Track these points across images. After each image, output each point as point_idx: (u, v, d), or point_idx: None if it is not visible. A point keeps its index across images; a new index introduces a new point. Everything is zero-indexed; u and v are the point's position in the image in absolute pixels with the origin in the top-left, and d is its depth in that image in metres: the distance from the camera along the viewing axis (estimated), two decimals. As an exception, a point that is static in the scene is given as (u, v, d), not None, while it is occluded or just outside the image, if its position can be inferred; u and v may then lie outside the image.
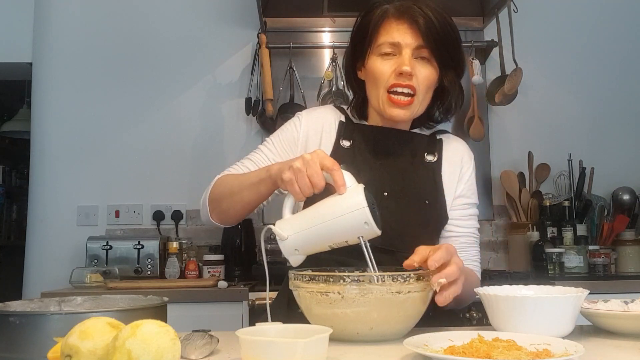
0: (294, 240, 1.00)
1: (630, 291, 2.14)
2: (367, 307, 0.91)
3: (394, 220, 1.20)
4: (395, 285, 0.91)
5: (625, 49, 3.04)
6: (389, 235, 1.18)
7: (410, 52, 1.19)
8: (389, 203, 1.21)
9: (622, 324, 0.98)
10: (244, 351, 0.74)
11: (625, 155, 2.97)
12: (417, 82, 1.19)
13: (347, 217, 0.96)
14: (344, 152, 1.26)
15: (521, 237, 2.75)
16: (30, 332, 0.79)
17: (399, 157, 1.27)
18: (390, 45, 1.20)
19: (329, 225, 0.98)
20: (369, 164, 1.25)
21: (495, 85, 2.82)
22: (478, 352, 0.75)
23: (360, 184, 1.00)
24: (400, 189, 1.22)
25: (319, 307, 0.94)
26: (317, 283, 0.93)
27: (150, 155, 2.89)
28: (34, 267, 2.83)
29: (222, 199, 1.21)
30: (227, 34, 2.97)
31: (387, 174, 1.24)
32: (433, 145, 1.30)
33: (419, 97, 1.20)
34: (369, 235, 0.98)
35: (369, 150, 1.27)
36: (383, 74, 1.20)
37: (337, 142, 1.27)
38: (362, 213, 0.95)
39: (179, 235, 2.83)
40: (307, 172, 0.97)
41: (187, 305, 2.17)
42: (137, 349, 0.65)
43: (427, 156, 1.28)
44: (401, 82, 1.18)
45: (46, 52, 2.95)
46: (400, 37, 1.19)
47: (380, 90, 1.21)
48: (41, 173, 2.89)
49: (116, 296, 1.02)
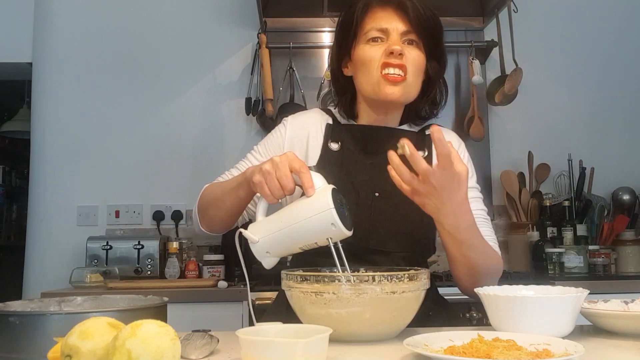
0: (265, 243, 1.01)
1: (630, 291, 2.14)
2: (362, 307, 0.90)
3: (387, 220, 1.20)
4: (390, 285, 0.91)
5: (625, 49, 3.04)
6: (382, 237, 1.18)
7: (398, 36, 1.20)
8: (381, 203, 1.20)
9: (622, 324, 0.98)
10: (244, 351, 0.74)
11: (625, 155, 2.97)
12: (407, 63, 1.20)
13: (314, 219, 0.96)
14: (333, 154, 1.25)
15: (521, 237, 2.75)
16: (30, 332, 0.79)
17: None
18: (378, 30, 1.21)
19: (297, 227, 0.98)
20: (359, 165, 1.24)
21: (495, 85, 2.82)
22: (478, 352, 0.75)
23: (329, 185, 0.99)
24: (392, 188, 1.20)
25: (313, 307, 0.93)
26: (311, 283, 0.93)
27: (150, 155, 2.89)
28: (34, 267, 2.83)
29: (208, 207, 1.23)
30: (227, 34, 2.97)
31: (378, 173, 1.22)
32: (422, 141, 1.29)
33: (409, 77, 1.21)
34: (337, 237, 0.98)
35: (359, 150, 1.26)
36: (373, 57, 1.21)
37: (325, 145, 1.26)
38: (329, 214, 0.95)
39: (179, 235, 2.83)
40: (275, 174, 0.98)
41: (187, 305, 2.17)
42: (137, 349, 0.65)
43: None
44: (392, 61, 1.18)
45: (46, 52, 2.95)
46: (388, 23, 1.21)
47: (373, 72, 1.21)
48: (41, 173, 2.89)
49: (116, 296, 1.02)
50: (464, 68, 2.94)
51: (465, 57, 2.91)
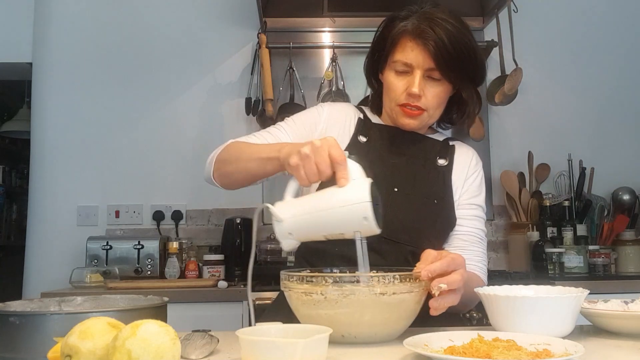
0: (290, 223, 0.97)
1: (630, 291, 2.14)
2: (350, 309, 0.89)
3: (402, 214, 1.23)
4: (379, 287, 0.88)
5: (625, 49, 3.04)
6: (395, 227, 1.20)
7: (421, 73, 1.23)
8: (399, 198, 1.24)
9: (622, 324, 0.98)
10: (244, 351, 0.74)
11: (625, 155, 2.97)
12: (426, 101, 1.25)
13: (347, 209, 0.93)
14: (360, 146, 1.29)
15: (521, 237, 2.75)
16: (30, 332, 0.79)
17: (411, 158, 1.30)
18: (403, 64, 1.24)
19: (328, 214, 0.95)
20: (382, 161, 1.28)
21: (495, 85, 2.82)
22: (478, 352, 0.75)
23: (368, 179, 0.97)
24: (411, 186, 1.26)
25: (304, 307, 0.93)
26: (301, 284, 0.92)
27: (150, 155, 2.89)
28: (34, 267, 2.83)
29: (230, 162, 1.21)
30: (227, 34, 2.97)
31: (398, 172, 1.27)
32: (445, 150, 1.34)
33: (429, 112, 1.26)
34: (366, 232, 0.95)
35: (384, 148, 1.30)
36: (396, 90, 1.26)
37: (354, 136, 1.31)
38: (363, 207, 0.92)
39: (179, 235, 2.83)
40: (314, 158, 0.96)
41: (187, 305, 2.17)
42: (137, 349, 0.65)
43: (439, 160, 1.32)
44: (410, 102, 1.24)
45: (46, 52, 2.95)
46: (413, 59, 1.23)
47: (393, 104, 1.27)
48: (41, 173, 2.89)
49: (116, 296, 1.02)
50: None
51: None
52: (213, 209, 2.87)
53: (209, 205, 2.86)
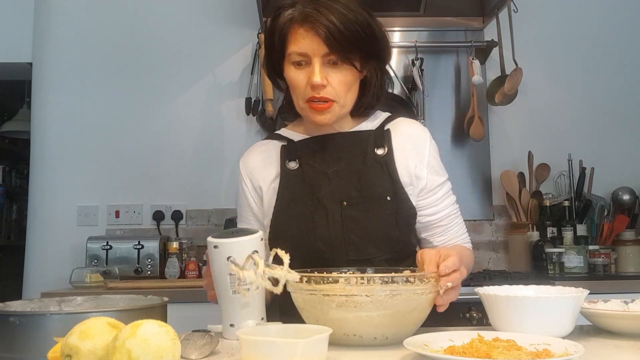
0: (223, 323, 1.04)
1: (630, 291, 2.14)
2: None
3: (360, 227, 1.18)
4: (420, 287, 0.90)
5: (626, 49, 3.04)
6: (359, 245, 1.17)
7: (319, 61, 1.14)
8: (350, 211, 1.18)
9: (622, 324, 0.98)
10: (244, 351, 0.74)
11: (625, 155, 2.97)
12: (332, 90, 1.16)
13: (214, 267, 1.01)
14: (292, 174, 1.23)
15: (521, 237, 2.75)
16: (30, 332, 0.79)
17: (350, 159, 1.23)
18: (298, 55, 1.16)
19: (218, 284, 1.02)
20: (321, 177, 1.22)
21: (495, 85, 2.82)
22: (478, 352, 0.75)
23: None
24: (359, 194, 1.19)
25: (337, 311, 0.92)
26: (331, 284, 0.92)
27: (150, 155, 2.89)
28: (34, 267, 2.82)
29: None
30: (227, 34, 2.97)
31: (342, 182, 1.21)
32: (381, 137, 1.25)
33: (339, 101, 1.18)
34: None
35: (318, 161, 1.23)
36: (299, 85, 1.17)
37: (282, 166, 1.24)
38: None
39: (179, 235, 2.83)
40: None
41: (187, 305, 2.16)
42: (137, 349, 0.65)
43: (377, 151, 1.23)
44: (315, 94, 1.15)
45: (46, 52, 2.95)
46: (307, 47, 1.14)
47: (300, 100, 1.19)
48: (41, 173, 2.89)
49: (116, 296, 1.02)
50: (464, 68, 2.94)
51: (465, 57, 2.90)
52: (213, 209, 2.86)
53: (209, 205, 2.86)
